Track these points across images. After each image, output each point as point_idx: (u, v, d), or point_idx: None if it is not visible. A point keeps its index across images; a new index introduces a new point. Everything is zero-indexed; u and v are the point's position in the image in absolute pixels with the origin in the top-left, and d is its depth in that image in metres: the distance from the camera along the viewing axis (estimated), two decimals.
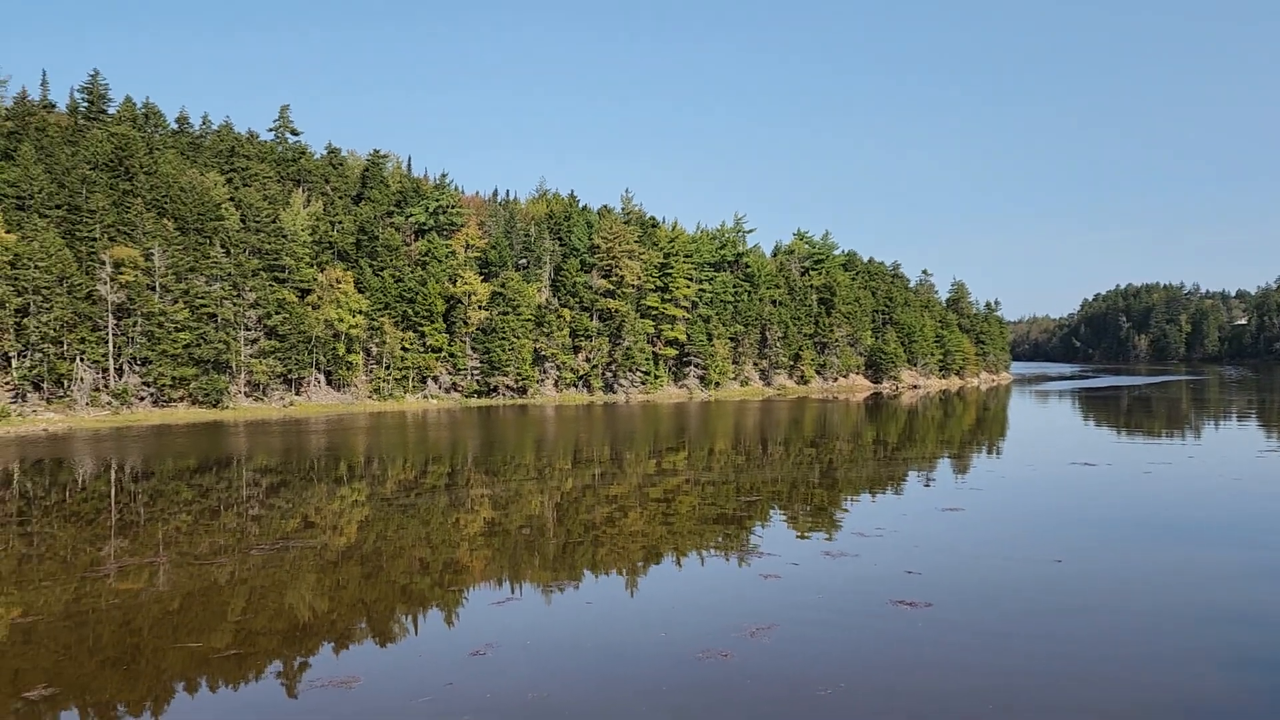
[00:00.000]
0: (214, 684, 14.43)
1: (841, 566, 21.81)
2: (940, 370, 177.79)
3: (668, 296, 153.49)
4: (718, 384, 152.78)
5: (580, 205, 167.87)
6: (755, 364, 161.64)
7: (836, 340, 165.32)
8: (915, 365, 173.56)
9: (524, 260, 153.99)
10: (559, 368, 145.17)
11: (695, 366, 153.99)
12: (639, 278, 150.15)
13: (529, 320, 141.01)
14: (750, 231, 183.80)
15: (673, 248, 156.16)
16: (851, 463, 44.58)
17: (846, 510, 30.67)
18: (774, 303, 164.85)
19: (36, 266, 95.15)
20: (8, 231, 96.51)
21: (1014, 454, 50.06)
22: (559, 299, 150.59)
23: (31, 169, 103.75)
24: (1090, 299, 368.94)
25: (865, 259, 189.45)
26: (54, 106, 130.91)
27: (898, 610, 17.89)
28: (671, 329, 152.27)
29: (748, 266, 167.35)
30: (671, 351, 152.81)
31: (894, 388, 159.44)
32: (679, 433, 67.69)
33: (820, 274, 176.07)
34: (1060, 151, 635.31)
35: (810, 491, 35.05)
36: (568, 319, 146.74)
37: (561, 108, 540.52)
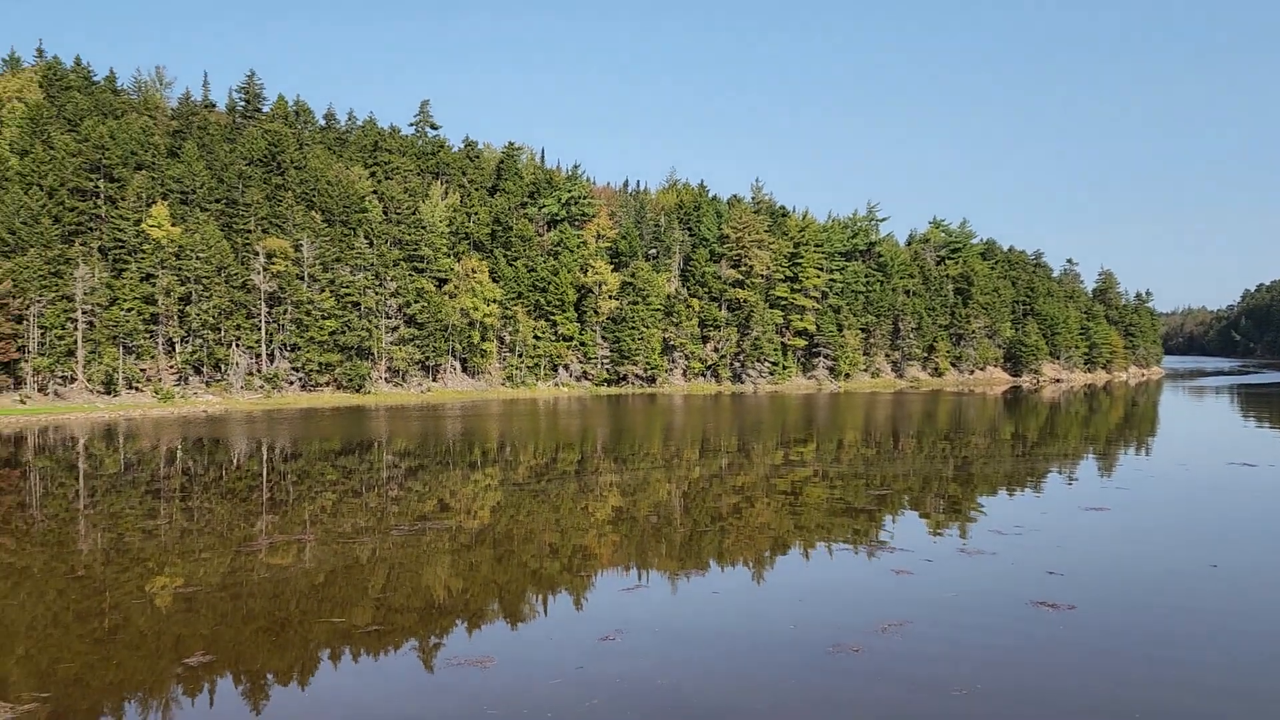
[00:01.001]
0: (356, 656, 15.06)
1: (978, 564, 21.11)
2: (1085, 364, 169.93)
3: (797, 286, 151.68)
4: (848, 375, 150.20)
5: (710, 195, 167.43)
6: (887, 355, 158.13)
7: (973, 332, 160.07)
8: (1058, 358, 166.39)
9: (654, 250, 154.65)
10: (687, 357, 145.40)
11: (825, 357, 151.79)
12: (768, 267, 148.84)
13: (658, 310, 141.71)
14: (883, 220, 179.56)
15: (803, 237, 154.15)
16: (988, 458, 43.10)
17: (982, 507, 29.67)
18: (907, 293, 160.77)
19: (198, 257, 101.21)
20: (173, 224, 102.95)
21: (1165, 452, 47.41)
22: (688, 289, 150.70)
23: (194, 165, 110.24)
24: (1253, 289, 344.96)
25: (1005, 247, 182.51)
26: (214, 106, 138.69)
27: (1038, 612, 17.20)
28: (801, 319, 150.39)
29: (880, 255, 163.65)
30: (801, 342, 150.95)
31: (1034, 381, 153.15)
32: (807, 424, 66.88)
33: (957, 263, 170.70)
34: (1213, 136, 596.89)
35: (944, 487, 34.06)
36: (696, 309, 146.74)
37: (691, 98, 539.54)
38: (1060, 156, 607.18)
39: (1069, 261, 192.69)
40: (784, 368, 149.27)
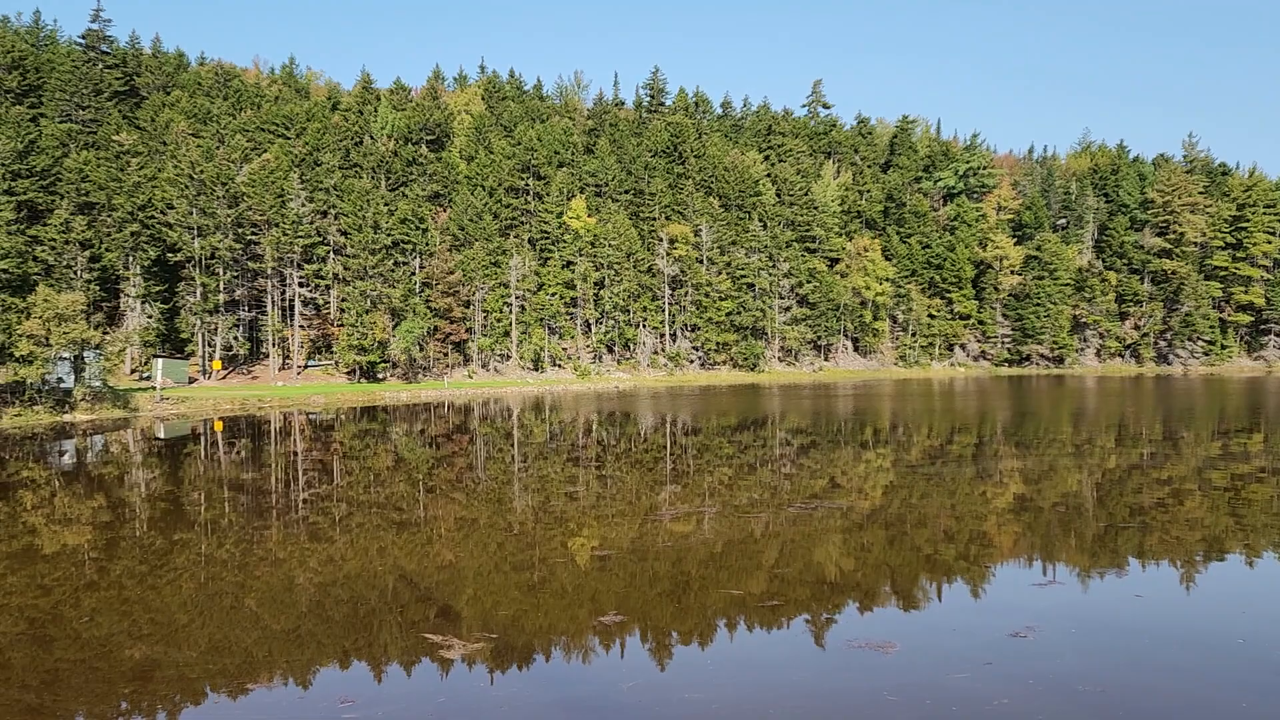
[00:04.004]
0: (751, 626, 15.54)
1: None
2: None
3: (1240, 254, 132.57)
4: None
5: (1130, 156, 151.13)
6: None
7: None
8: None
9: (1062, 220, 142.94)
10: (1101, 335, 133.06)
11: (1277, 335, 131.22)
12: (1203, 234, 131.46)
13: (1067, 285, 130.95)
14: None
15: (1248, 197, 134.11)
16: None
17: None
18: None
19: (610, 245, 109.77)
20: (589, 215, 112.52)
21: None
22: (1103, 260, 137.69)
23: (606, 160, 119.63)
24: None
25: None
26: (623, 103, 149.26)
27: None
28: (1245, 292, 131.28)
29: None
30: (1244, 318, 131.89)
31: None
32: (1253, 411, 58.20)
33: None
34: None
35: None
36: (1113, 282, 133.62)
37: (1105, 49, 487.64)
38: None
39: None
40: (1222, 347, 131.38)
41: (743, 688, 13.01)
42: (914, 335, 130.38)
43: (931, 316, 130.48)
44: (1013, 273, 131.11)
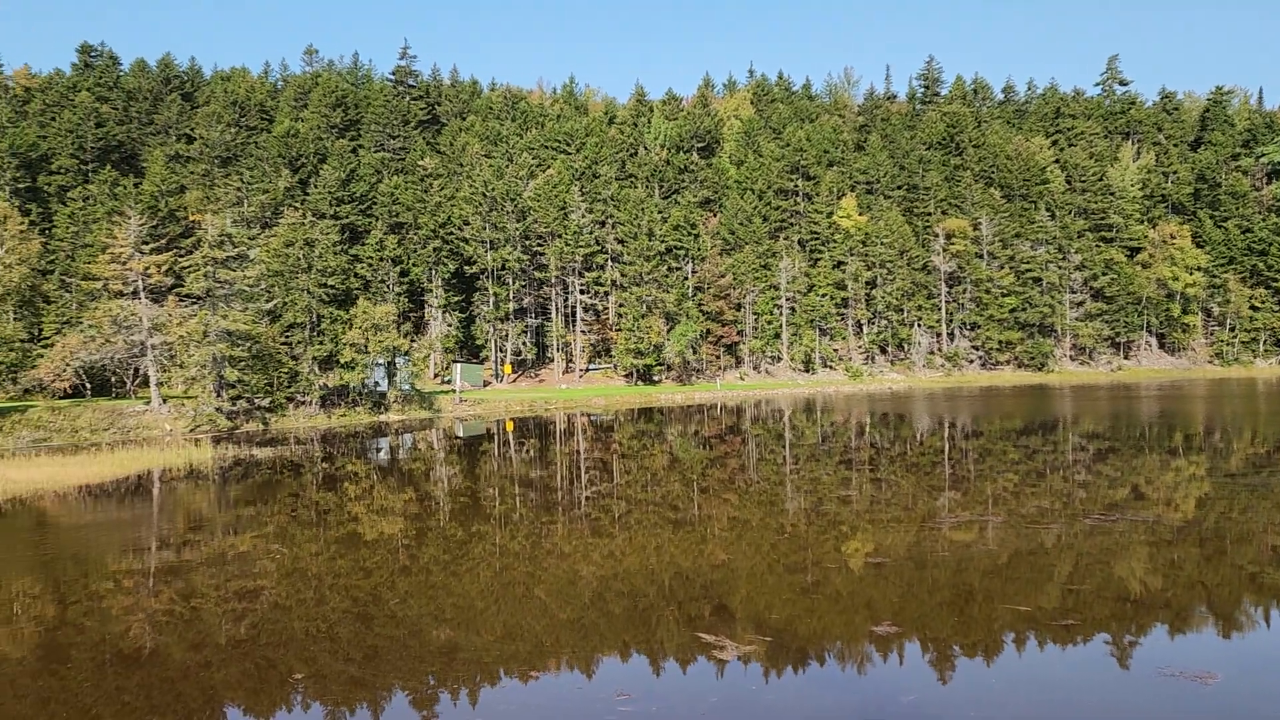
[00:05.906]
0: (1042, 644, 14.54)
1: None
2: None
3: None
4: None
5: None
6: None
7: None
8: None
9: None
10: None
11: None
12: None
13: None
14: None
15: None
16: None
17: None
18: None
19: (882, 243, 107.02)
20: (860, 214, 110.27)
21: None
22: None
23: (877, 156, 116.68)
24: None
25: None
26: (895, 97, 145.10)
27: None
28: None
29: None
30: None
31: None
32: None
33: None
34: None
35: None
36: None
37: None
38: None
39: None
40: None
41: (1034, 710, 12.19)
42: (1233, 330, 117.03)
43: (1254, 309, 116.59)
44: None
